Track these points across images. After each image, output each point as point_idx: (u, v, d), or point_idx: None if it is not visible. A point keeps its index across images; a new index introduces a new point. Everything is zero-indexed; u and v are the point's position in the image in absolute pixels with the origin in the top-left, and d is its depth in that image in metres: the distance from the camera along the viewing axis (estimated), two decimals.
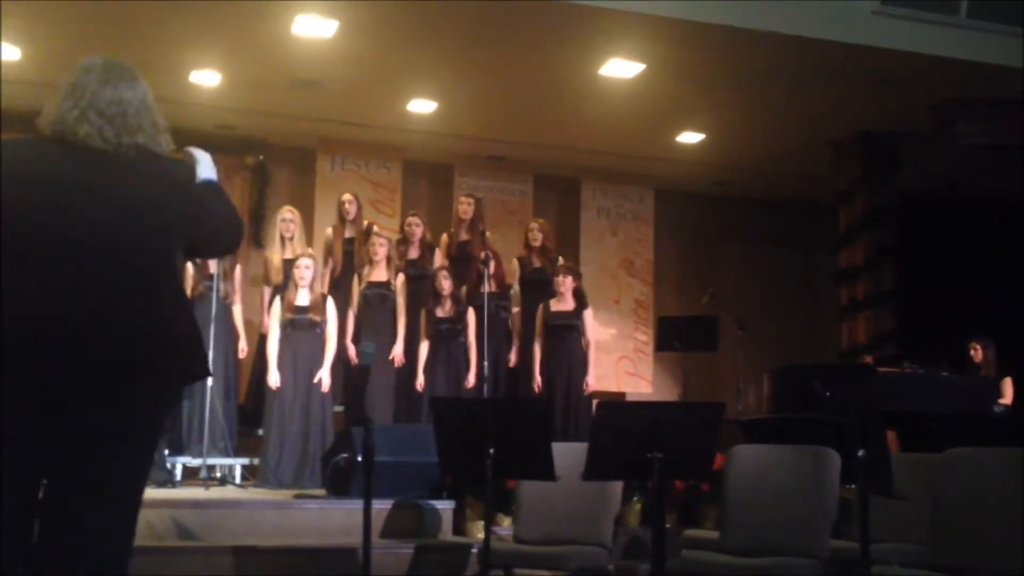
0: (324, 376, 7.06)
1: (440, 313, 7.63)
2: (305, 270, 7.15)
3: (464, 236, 8.44)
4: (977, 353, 8.79)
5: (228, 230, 2.80)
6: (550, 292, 7.96)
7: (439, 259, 8.22)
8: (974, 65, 7.94)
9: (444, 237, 8.48)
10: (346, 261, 8.14)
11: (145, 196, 2.61)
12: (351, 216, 8.26)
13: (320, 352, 7.11)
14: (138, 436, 2.55)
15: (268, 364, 7.11)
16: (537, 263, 8.37)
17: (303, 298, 7.15)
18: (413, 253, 8.15)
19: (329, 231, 8.41)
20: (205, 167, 2.82)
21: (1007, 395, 8.52)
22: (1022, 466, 4.09)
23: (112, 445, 2.49)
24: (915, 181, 9.86)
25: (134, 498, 2.57)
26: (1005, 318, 9.60)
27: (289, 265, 7.44)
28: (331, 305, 7.25)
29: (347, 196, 8.38)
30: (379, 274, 7.75)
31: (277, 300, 7.27)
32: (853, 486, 4.19)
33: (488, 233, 8.23)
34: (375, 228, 8.39)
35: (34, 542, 2.49)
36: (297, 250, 7.67)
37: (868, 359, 8.95)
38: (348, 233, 8.25)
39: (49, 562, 2.46)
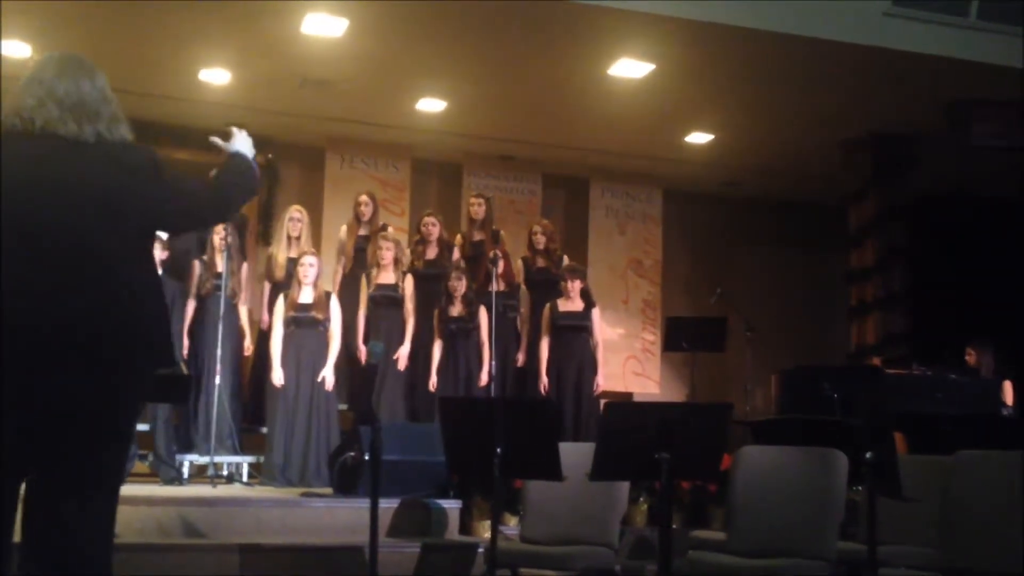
0: (328, 374, 7.07)
1: (452, 313, 7.63)
2: (309, 268, 7.15)
3: (477, 236, 8.42)
4: (971, 358, 8.73)
5: (197, 209, 2.88)
6: (554, 292, 7.96)
7: (457, 258, 8.21)
8: (984, 66, 7.92)
9: (458, 238, 8.48)
10: (358, 259, 8.14)
11: (107, 184, 2.61)
12: (366, 217, 8.26)
13: (323, 350, 7.11)
14: (114, 428, 2.56)
15: (271, 362, 7.12)
16: (541, 263, 8.36)
17: (306, 296, 7.16)
18: (431, 253, 8.13)
19: (343, 229, 8.40)
20: (239, 143, 3.07)
21: (1007, 399, 8.47)
22: None
23: (89, 439, 2.49)
24: (926, 182, 9.83)
25: (113, 492, 2.58)
26: (1016, 320, 9.56)
27: (294, 263, 7.44)
28: (335, 303, 7.26)
29: (363, 198, 8.34)
30: (386, 276, 7.74)
31: (281, 298, 7.28)
32: (860, 488, 4.18)
33: (503, 233, 8.24)
34: (390, 230, 8.37)
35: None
36: (304, 249, 7.67)
37: (877, 361, 8.92)
38: (362, 231, 8.24)
39: (36, 560, 2.47)
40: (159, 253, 6.79)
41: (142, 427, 6.89)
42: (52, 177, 2.57)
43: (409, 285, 7.75)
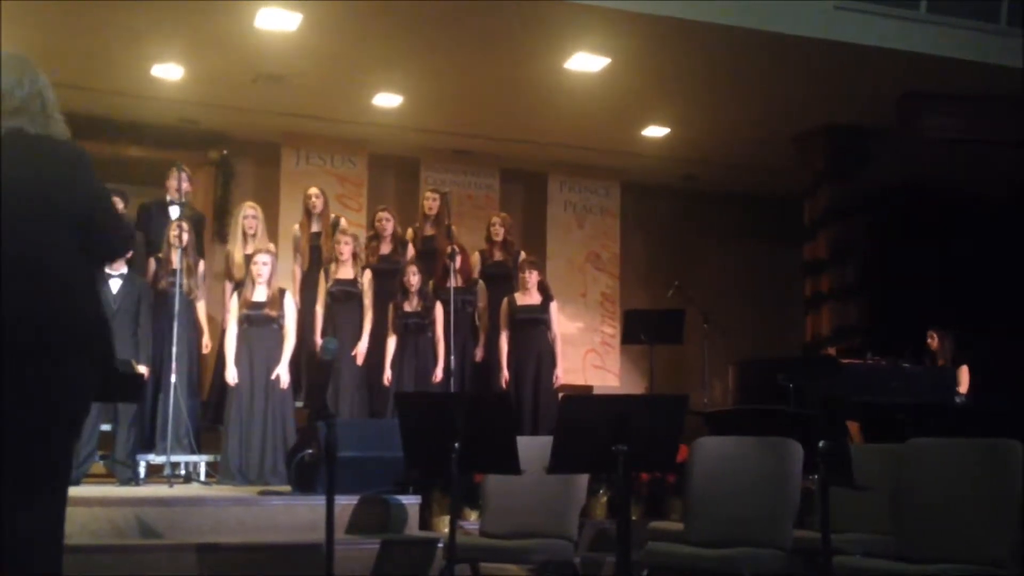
0: (282, 372, 7.03)
1: (407, 308, 7.62)
2: (263, 266, 7.10)
3: (429, 231, 8.42)
4: (933, 341, 8.87)
5: (120, 224, 2.83)
6: (510, 285, 7.98)
7: (411, 253, 8.20)
8: (935, 59, 8.03)
9: (409, 232, 8.46)
10: (313, 256, 8.10)
11: (36, 179, 2.58)
12: (317, 210, 8.22)
13: (277, 348, 7.08)
14: (57, 425, 2.53)
15: (226, 360, 7.07)
16: (498, 256, 8.38)
17: (260, 294, 7.12)
18: (385, 248, 8.11)
19: (296, 228, 8.37)
20: None
21: (963, 384, 8.61)
22: (981, 455, 4.15)
23: (32, 436, 2.47)
24: (879, 174, 9.95)
25: (59, 489, 2.56)
26: (967, 311, 9.70)
27: (251, 261, 7.39)
28: (289, 300, 7.22)
29: (313, 190, 8.34)
30: (345, 271, 7.70)
31: (234, 296, 7.24)
32: (815, 477, 4.23)
33: (454, 228, 8.22)
34: (343, 222, 8.35)
35: None
36: (260, 246, 7.62)
37: (832, 351, 9.02)
38: (315, 228, 8.20)
39: None
40: None
41: (104, 427, 6.82)
42: None
43: (368, 280, 7.72)
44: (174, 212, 7.58)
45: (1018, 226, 10.14)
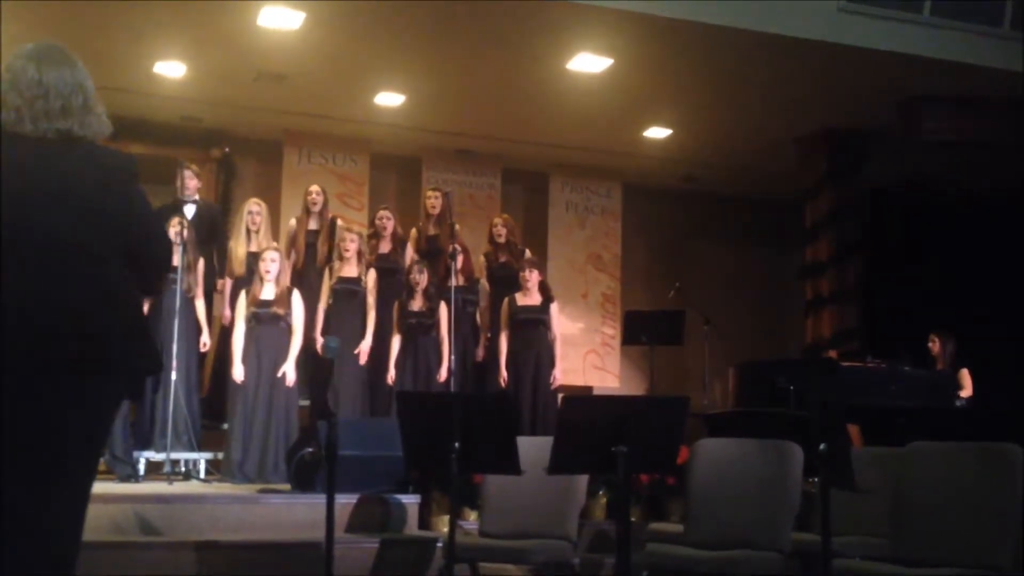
0: (289, 370, 7.03)
1: (412, 307, 7.61)
2: (271, 263, 7.11)
3: (432, 230, 8.41)
4: (935, 345, 8.86)
5: (161, 237, 2.80)
6: (517, 287, 7.97)
7: (411, 253, 8.19)
8: (938, 63, 8.02)
9: (413, 232, 8.46)
10: (308, 253, 8.09)
11: (84, 184, 2.55)
12: (317, 207, 8.21)
13: (285, 346, 7.07)
14: (85, 432, 2.52)
15: (233, 358, 7.07)
16: (503, 258, 8.37)
17: (268, 292, 7.12)
18: (384, 247, 8.11)
19: (293, 222, 8.36)
20: None
21: (967, 387, 8.61)
22: (982, 459, 4.14)
23: (58, 441, 2.45)
24: (881, 177, 9.95)
25: (81, 495, 2.54)
26: (968, 314, 9.70)
27: (254, 258, 7.40)
28: (297, 298, 7.22)
29: (314, 187, 8.35)
30: (349, 270, 7.70)
31: (243, 294, 7.23)
32: (815, 479, 4.23)
33: (458, 227, 8.23)
34: (340, 222, 8.35)
35: None
36: (263, 243, 7.63)
37: (832, 354, 9.01)
38: (312, 225, 8.19)
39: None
40: None
41: None
42: (28, 178, 2.50)
43: (372, 279, 7.72)
44: (189, 211, 7.64)
45: (1019, 229, 10.14)
